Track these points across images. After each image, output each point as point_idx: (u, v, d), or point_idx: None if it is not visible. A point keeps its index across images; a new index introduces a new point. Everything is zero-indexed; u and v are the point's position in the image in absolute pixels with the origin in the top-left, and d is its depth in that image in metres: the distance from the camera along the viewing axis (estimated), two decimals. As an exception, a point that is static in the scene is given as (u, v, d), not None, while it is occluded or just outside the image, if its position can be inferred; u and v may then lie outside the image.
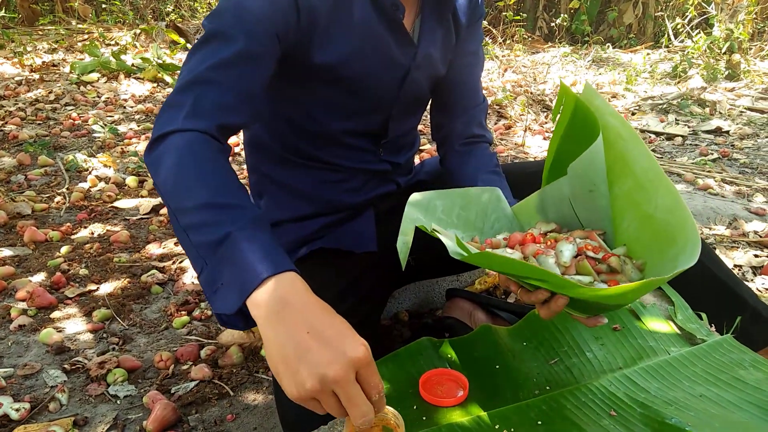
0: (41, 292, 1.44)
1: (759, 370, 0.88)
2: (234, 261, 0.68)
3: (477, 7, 1.12)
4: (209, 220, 0.70)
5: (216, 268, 0.69)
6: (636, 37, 7.01)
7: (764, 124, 3.37)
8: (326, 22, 0.91)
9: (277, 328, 0.63)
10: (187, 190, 0.73)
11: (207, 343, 1.30)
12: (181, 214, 0.72)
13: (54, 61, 4.44)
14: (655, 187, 0.81)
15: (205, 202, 0.71)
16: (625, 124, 0.86)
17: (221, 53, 0.83)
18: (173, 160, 0.76)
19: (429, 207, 0.90)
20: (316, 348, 0.61)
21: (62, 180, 2.28)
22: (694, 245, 0.72)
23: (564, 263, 0.78)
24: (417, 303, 1.45)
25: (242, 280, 0.66)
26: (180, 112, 0.79)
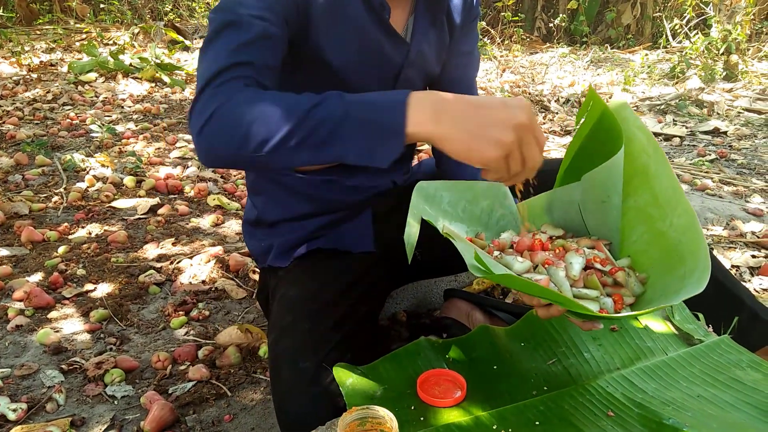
0: (38, 292, 1.44)
1: (757, 371, 0.88)
2: (370, 116, 0.72)
3: (472, 8, 1.12)
4: (318, 119, 0.73)
5: (358, 137, 0.72)
6: (634, 37, 7.02)
7: (762, 124, 3.37)
8: (321, 13, 0.92)
9: (449, 117, 0.70)
10: (279, 114, 0.74)
11: (204, 344, 1.30)
12: (289, 136, 0.73)
13: (52, 61, 4.43)
14: (673, 206, 0.82)
15: (307, 108, 0.73)
16: (651, 139, 0.86)
17: (241, 37, 0.82)
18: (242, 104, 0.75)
19: (435, 197, 0.90)
20: (495, 112, 0.69)
21: (60, 180, 2.27)
22: (704, 271, 0.73)
23: (573, 276, 0.78)
24: (415, 303, 1.45)
25: (390, 120, 0.71)
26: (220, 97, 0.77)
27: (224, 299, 1.50)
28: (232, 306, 1.48)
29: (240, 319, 1.43)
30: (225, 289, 1.53)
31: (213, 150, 0.77)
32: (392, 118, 0.71)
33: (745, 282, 1.62)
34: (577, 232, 0.92)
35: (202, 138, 0.76)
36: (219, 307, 1.47)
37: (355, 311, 1.02)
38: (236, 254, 1.67)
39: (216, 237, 1.86)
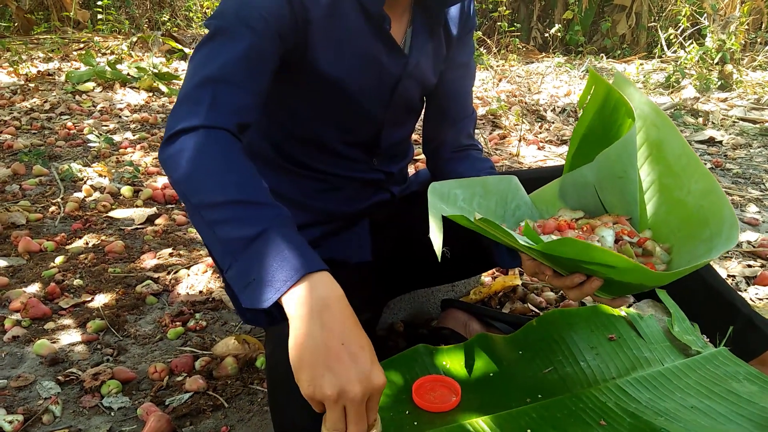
0: (35, 303, 1.44)
1: (753, 383, 0.88)
2: (269, 256, 0.69)
3: (468, 19, 1.13)
4: (241, 216, 0.71)
5: (248, 263, 0.69)
6: (629, 47, 7.06)
7: (757, 134, 3.39)
8: (320, 26, 0.93)
9: (315, 329, 0.65)
10: (215, 185, 0.73)
11: (201, 355, 1.30)
12: (206, 209, 0.73)
13: (49, 71, 4.44)
14: (690, 173, 0.83)
15: (237, 198, 0.72)
16: (659, 112, 0.87)
17: (231, 50, 0.84)
18: (198, 155, 0.76)
19: (449, 196, 0.91)
20: (346, 362, 0.65)
21: (57, 190, 2.27)
22: (732, 228, 0.74)
23: (609, 247, 0.79)
24: (412, 313, 1.45)
25: (280, 275, 0.67)
26: (200, 108, 0.79)
27: (221, 309, 1.50)
28: (230, 316, 1.48)
29: (237, 329, 1.42)
30: (222, 299, 1.53)
31: (164, 166, 0.80)
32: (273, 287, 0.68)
33: (741, 291, 1.62)
34: (593, 214, 0.92)
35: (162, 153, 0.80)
36: (216, 317, 1.47)
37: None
38: (233, 264, 1.67)
39: (213, 247, 1.86)
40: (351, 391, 0.64)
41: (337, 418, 0.65)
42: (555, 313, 1.00)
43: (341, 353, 0.65)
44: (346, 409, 0.65)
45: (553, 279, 0.86)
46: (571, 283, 0.81)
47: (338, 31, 0.95)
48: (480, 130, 3.40)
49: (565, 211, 0.93)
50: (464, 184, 0.94)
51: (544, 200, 0.98)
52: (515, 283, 1.56)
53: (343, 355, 0.65)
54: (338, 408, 0.65)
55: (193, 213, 0.75)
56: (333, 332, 0.66)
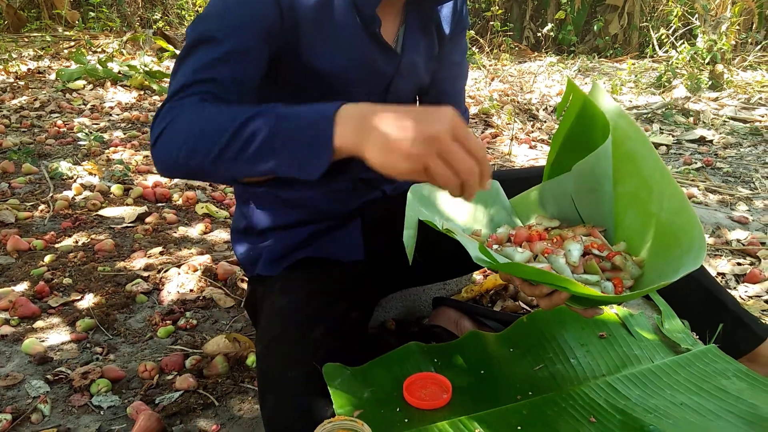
0: (24, 302, 1.43)
1: (742, 380, 0.89)
2: (298, 131, 0.72)
3: (461, 19, 1.13)
4: (253, 129, 0.74)
5: (287, 149, 0.73)
6: (621, 47, 7.09)
7: (747, 133, 3.41)
8: (311, 25, 0.92)
9: (372, 126, 0.69)
10: (213, 134, 0.75)
11: (192, 353, 1.29)
12: (225, 150, 0.74)
13: (40, 68, 4.41)
14: (662, 188, 0.83)
15: (236, 125, 0.75)
16: (632, 125, 0.87)
17: (211, 54, 0.84)
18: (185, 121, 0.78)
19: (429, 198, 0.91)
20: (413, 121, 0.68)
21: (46, 188, 2.26)
22: (700, 249, 0.74)
23: (573, 263, 0.79)
24: (404, 311, 1.45)
25: (318, 135, 0.71)
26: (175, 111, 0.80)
27: (212, 308, 1.50)
28: (220, 315, 1.47)
29: (228, 328, 1.42)
30: (213, 298, 1.52)
31: (165, 162, 0.81)
32: (319, 133, 0.71)
33: (731, 289, 1.63)
34: (571, 222, 0.93)
35: (156, 151, 0.81)
36: (207, 316, 1.46)
37: (343, 321, 1.02)
38: (224, 263, 1.67)
39: (204, 245, 1.85)
40: (433, 131, 0.66)
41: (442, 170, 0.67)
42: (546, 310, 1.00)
43: (404, 120, 0.68)
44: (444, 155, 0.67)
45: (524, 287, 0.86)
46: (540, 292, 0.81)
47: (330, 30, 0.95)
48: (472, 129, 3.41)
49: (542, 219, 0.93)
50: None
51: (524, 206, 0.98)
52: (507, 281, 1.56)
53: (407, 121, 0.68)
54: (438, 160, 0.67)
55: (216, 164, 0.76)
56: (386, 116, 0.69)
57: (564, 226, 0.92)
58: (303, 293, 1.05)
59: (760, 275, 1.66)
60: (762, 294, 1.59)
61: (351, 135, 0.70)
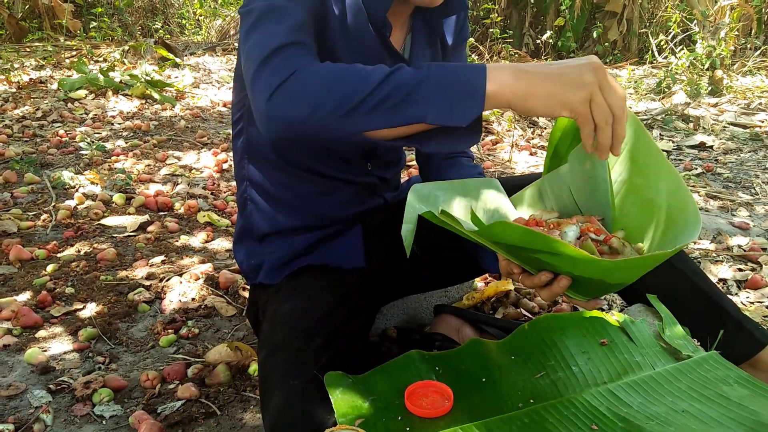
0: (26, 312, 1.43)
1: (744, 387, 0.89)
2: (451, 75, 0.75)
3: (462, 29, 1.15)
4: (398, 80, 0.75)
5: (440, 96, 0.74)
6: (621, 53, 7.11)
7: (747, 138, 3.42)
8: (336, 28, 0.95)
9: (528, 75, 0.74)
10: (361, 76, 0.76)
11: (194, 362, 1.29)
12: (369, 97, 0.74)
13: (41, 78, 4.42)
14: (656, 171, 0.84)
15: (389, 71, 0.76)
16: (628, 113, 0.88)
17: (290, 20, 0.83)
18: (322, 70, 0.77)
19: (430, 197, 0.92)
20: (569, 64, 0.74)
21: (49, 197, 2.26)
22: (695, 221, 0.75)
23: (569, 243, 0.79)
24: (405, 319, 1.45)
25: (472, 74, 0.74)
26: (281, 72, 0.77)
27: (214, 317, 1.50)
28: (222, 323, 1.47)
29: (230, 336, 1.42)
30: (215, 306, 1.53)
31: (282, 115, 0.76)
32: (473, 78, 0.74)
33: (732, 295, 1.63)
34: (570, 215, 0.93)
35: (272, 104, 0.76)
36: (208, 324, 1.46)
37: (345, 328, 1.03)
38: (226, 271, 1.67)
39: (206, 254, 1.85)
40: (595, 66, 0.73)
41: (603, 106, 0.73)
42: (547, 317, 1.00)
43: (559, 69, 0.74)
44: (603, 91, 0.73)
45: (524, 278, 0.87)
46: (540, 282, 0.82)
47: (348, 32, 0.97)
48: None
49: (542, 212, 0.94)
50: (445, 187, 0.95)
51: (524, 202, 0.99)
52: (508, 288, 1.56)
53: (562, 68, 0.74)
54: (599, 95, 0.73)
55: (349, 117, 0.75)
56: (539, 70, 0.74)
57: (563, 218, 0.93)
58: (304, 301, 1.06)
59: (762, 281, 1.66)
60: (763, 300, 1.59)
61: (507, 81, 0.73)
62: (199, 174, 2.69)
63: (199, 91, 4.45)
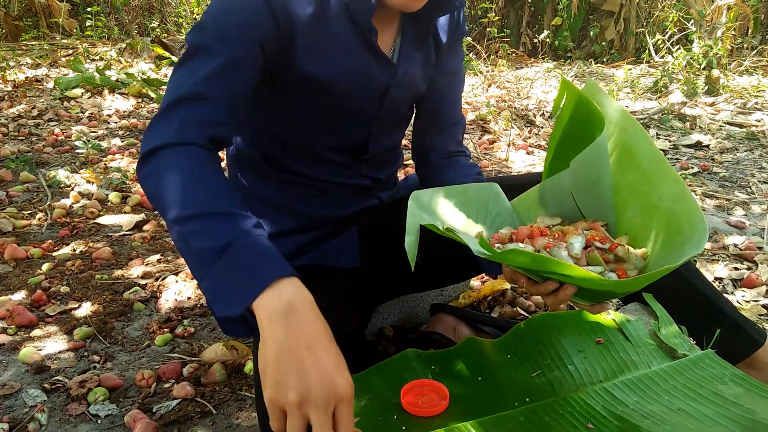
0: (21, 310, 1.43)
1: (739, 386, 0.89)
2: (239, 265, 0.68)
3: (458, 27, 1.13)
4: (212, 228, 0.71)
5: (219, 274, 0.69)
6: (618, 52, 7.12)
7: (743, 138, 3.43)
8: (306, 33, 0.93)
9: (280, 332, 0.64)
10: (186, 199, 0.74)
11: (189, 361, 1.29)
12: (180, 223, 0.72)
13: (37, 77, 4.41)
14: (661, 177, 0.83)
15: (206, 210, 0.72)
16: (628, 117, 0.88)
17: (207, 66, 0.84)
18: (170, 171, 0.76)
19: (431, 203, 0.91)
20: (310, 366, 0.63)
21: (44, 196, 2.26)
22: (702, 232, 0.74)
23: (576, 255, 0.80)
24: (402, 318, 1.45)
25: (249, 283, 0.67)
26: (171, 127, 0.80)
27: (209, 315, 1.50)
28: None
29: (225, 335, 1.42)
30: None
31: (142, 186, 0.81)
32: (253, 282, 0.67)
33: (729, 294, 1.63)
34: (573, 219, 0.93)
35: (138, 170, 0.81)
36: (204, 323, 1.46)
37: (341, 327, 1.02)
38: (222, 270, 1.66)
39: (202, 253, 1.85)
40: (312, 395, 0.61)
41: (297, 428, 0.62)
42: (544, 316, 1.00)
43: (304, 356, 0.63)
44: (310, 419, 0.62)
45: (529, 286, 0.86)
46: (545, 290, 0.81)
47: (326, 38, 0.95)
48: (469, 136, 3.41)
49: (543, 218, 0.94)
50: (445, 192, 0.94)
51: (525, 206, 0.98)
52: (504, 287, 1.56)
53: (307, 361, 0.63)
54: (300, 418, 0.62)
55: (170, 228, 0.75)
56: (299, 337, 0.64)
57: (566, 223, 0.93)
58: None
59: (757, 280, 1.66)
60: (759, 298, 1.59)
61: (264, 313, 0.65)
62: (196, 173, 2.68)
63: (196, 90, 4.44)
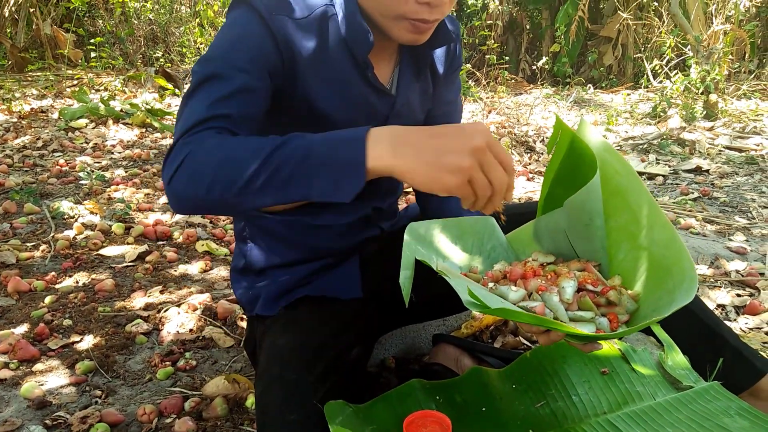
0: (24, 345, 1.42)
1: (745, 419, 0.88)
2: (330, 151, 0.74)
3: (455, 58, 1.16)
4: (286, 154, 0.74)
5: (322, 173, 0.73)
6: (616, 77, 7.19)
7: (743, 162, 3.44)
8: (308, 66, 0.95)
9: (407, 149, 0.71)
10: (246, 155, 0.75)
11: (191, 395, 1.28)
12: (255, 177, 0.74)
13: (42, 108, 4.46)
14: (651, 221, 0.84)
15: (272, 147, 0.75)
16: (621, 160, 0.89)
17: (221, 90, 0.85)
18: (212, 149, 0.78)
19: (426, 237, 0.92)
20: (450, 139, 0.71)
21: (48, 228, 2.27)
22: (692, 281, 0.75)
23: (567, 300, 0.80)
24: (404, 349, 1.45)
25: (351, 153, 0.73)
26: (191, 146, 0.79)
27: (211, 348, 1.49)
28: (220, 355, 1.46)
29: (227, 368, 1.41)
30: (212, 337, 1.52)
31: (183, 196, 0.79)
32: (352, 154, 0.73)
33: (731, 321, 1.63)
34: (566, 257, 0.93)
35: (172, 186, 0.79)
36: (206, 356, 1.46)
37: (343, 360, 1.02)
38: (224, 301, 1.67)
39: (204, 284, 1.85)
40: (476, 144, 0.70)
41: (482, 182, 0.71)
42: (549, 346, 1.00)
43: (440, 140, 0.71)
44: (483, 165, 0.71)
45: (521, 326, 0.86)
46: (537, 329, 0.82)
47: (326, 71, 0.97)
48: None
49: (538, 254, 0.94)
50: (441, 225, 0.95)
51: (520, 241, 0.99)
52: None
53: (442, 140, 0.71)
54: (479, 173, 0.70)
55: (246, 193, 0.75)
56: (419, 138, 0.72)
57: (559, 260, 0.93)
58: (301, 333, 1.05)
59: (760, 307, 1.65)
60: (762, 326, 1.58)
61: (385, 156, 0.72)
62: (198, 202, 2.69)
63: (199, 120, 4.48)
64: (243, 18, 0.92)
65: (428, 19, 0.91)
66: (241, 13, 0.93)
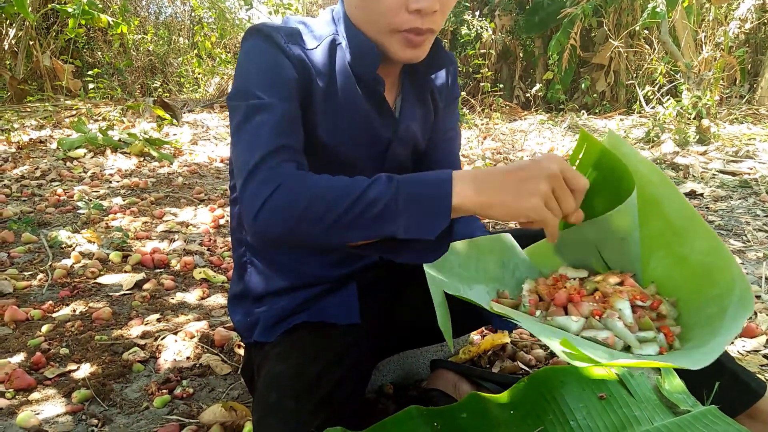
0: (20, 374, 1.42)
1: (743, 442, 0.88)
2: (417, 191, 0.78)
3: (453, 89, 1.19)
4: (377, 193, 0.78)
5: (409, 212, 0.78)
6: (609, 103, 7.28)
7: (736, 186, 3.47)
8: (320, 94, 0.98)
9: (488, 185, 0.77)
10: (338, 194, 0.79)
11: (188, 423, 1.28)
12: (345, 214, 0.78)
13: (41, 138, 4.49)
14: (692, 230, 0.84)
15: (364, 187, 0.79)
16: (654, 169, 0.88)
17: (273, 120, 0.88)
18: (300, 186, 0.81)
19: (445, 264, 0.91)
20: (526, 170, 0.77)
21: (45, 257, 2.27)
22: (745, 291, 0.75)
23: (630, 324, 0.79)
24: (401, 375, 1.44)
25: (438, 188, 0.78)
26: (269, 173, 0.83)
27: (209, 375, 1.49)
28: (217, 382, 1.46)
29: (225, 396, 1.41)
30: (210, 364, 1.52)
31: (269, 231, 0.81)
32: (439, 192, 0.78)
33: (728, 344, 1.63)
34: (593, 268, 0.93)
35: (259, 222, 0.81)
36: (203, 384, 1.45)
37: (341, 387, 1.02)
38: (221, 329, 1.66)
39: (201, 311, 1.85)
40: (552, 169, 0.76)
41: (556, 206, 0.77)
42: (547, 370, 1.00)
43: (517, 172, 0.77)
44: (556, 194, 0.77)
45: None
46: None
47: (334, 98, 1.00)
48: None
49: (567, 269, 0.93)
50: (457, 249, 0.94)
51: (539, 256, 0.98)
52: (504, 341, 1.56)
53: (520, 172, 0.77)
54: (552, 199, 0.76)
55: (333, 231, 0.79)
56: (498, 175, 0.78)
57: (591, 273, 0.92)
58: (299, 360, 1.05)
59: (757, 329, 1.66)
60: (760, 348, 1.58)
61: (470, 194, 0.77)
62: (196, 230, 2.70)
63: (197, 148, 4.52)
64: (262, 47, 0.95)
65: (421, 28, 0.92)
66: (258, 43, 0.95)
